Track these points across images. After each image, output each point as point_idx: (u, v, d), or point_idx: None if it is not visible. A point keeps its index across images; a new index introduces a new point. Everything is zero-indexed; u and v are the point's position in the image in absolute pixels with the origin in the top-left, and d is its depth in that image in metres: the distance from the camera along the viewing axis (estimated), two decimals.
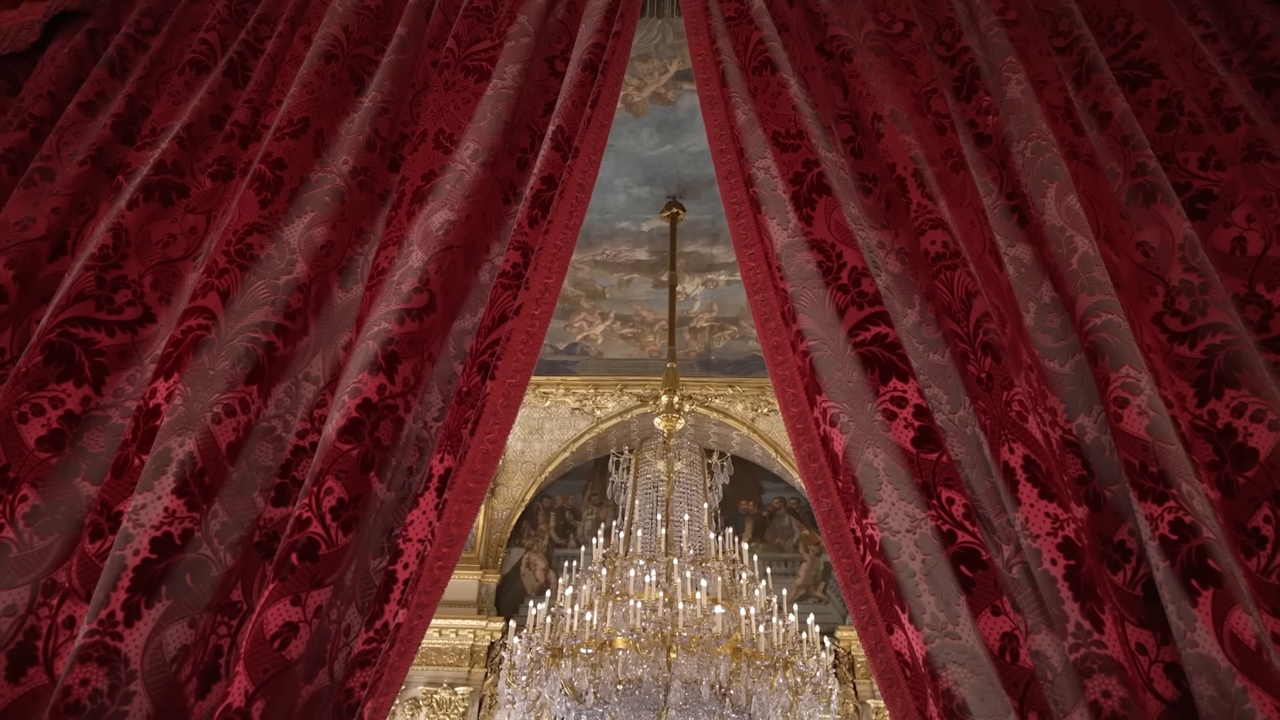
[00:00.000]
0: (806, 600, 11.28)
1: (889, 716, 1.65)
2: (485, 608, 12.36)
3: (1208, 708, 1.43)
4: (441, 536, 1.67)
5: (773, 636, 5.80)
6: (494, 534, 12.78)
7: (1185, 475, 1.59)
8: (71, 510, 1.70)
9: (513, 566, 12.87)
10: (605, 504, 12.19)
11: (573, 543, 12.07)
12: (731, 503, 11.84)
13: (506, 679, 6.22)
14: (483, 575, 12.54)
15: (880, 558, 1.64)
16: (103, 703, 1.45)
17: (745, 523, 12.29)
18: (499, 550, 12.79)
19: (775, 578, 6.88)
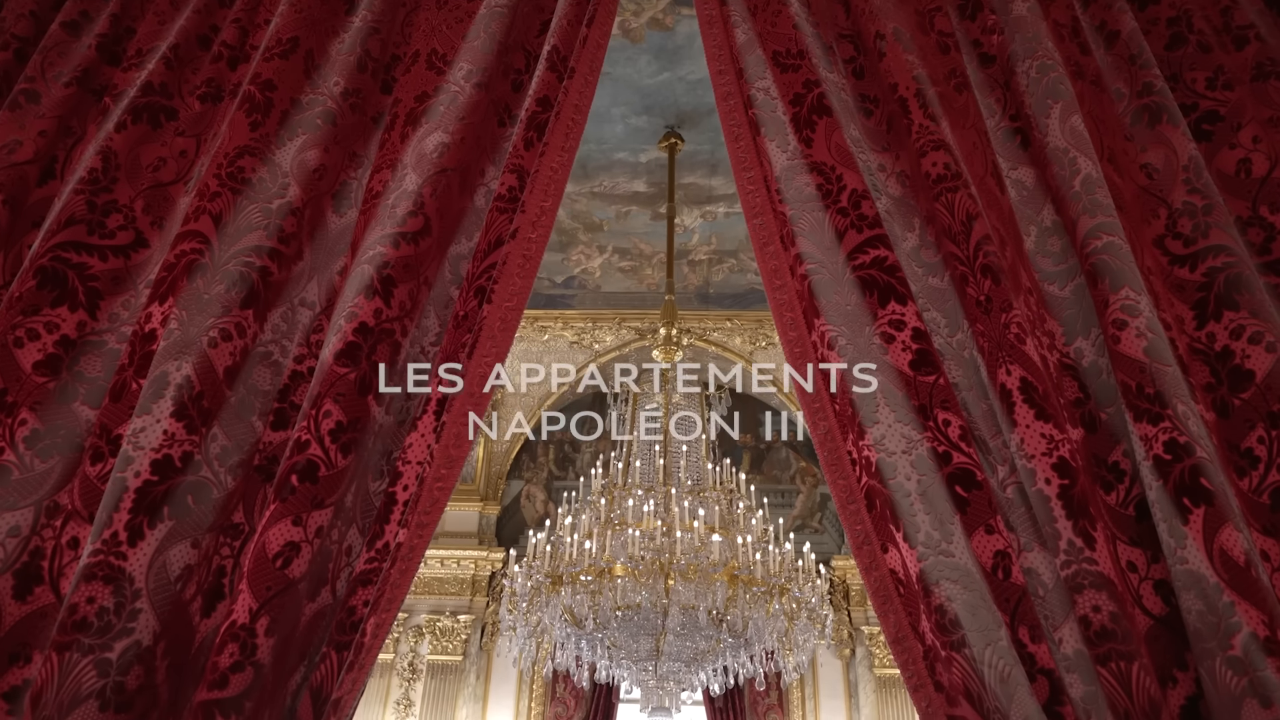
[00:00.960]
0: (803, 530, 11.44)
1: (883, 633, 1.68)
2: (486, 539, 12.55)
3: (1195, 622, 1.45)
4: (440, 458, 1.68)
5: (769, 564, 5.89)
6: (493, 467, 12.90)
7: (1181, 396, 1.60)
8: (71, 434, 1.71)
9: (513, 498, 13.02)
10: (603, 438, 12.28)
11: (572, 475, 12.18)
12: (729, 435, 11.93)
13: (508, 606, 6.34)
14: (483, 507, 12.69)
15: (876, 478, 1.66)
16: (109, 620, 1.48)
17: (743, 455, 12.40)
18: (499, 482, 12.92)
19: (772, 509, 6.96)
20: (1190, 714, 1.47)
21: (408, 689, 11.87)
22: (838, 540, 12.44)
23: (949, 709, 1.51)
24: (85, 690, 1.42)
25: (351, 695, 1.52)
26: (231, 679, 1.43)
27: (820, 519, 12.68)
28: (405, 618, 12.13)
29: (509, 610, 6.30)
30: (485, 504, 12.77)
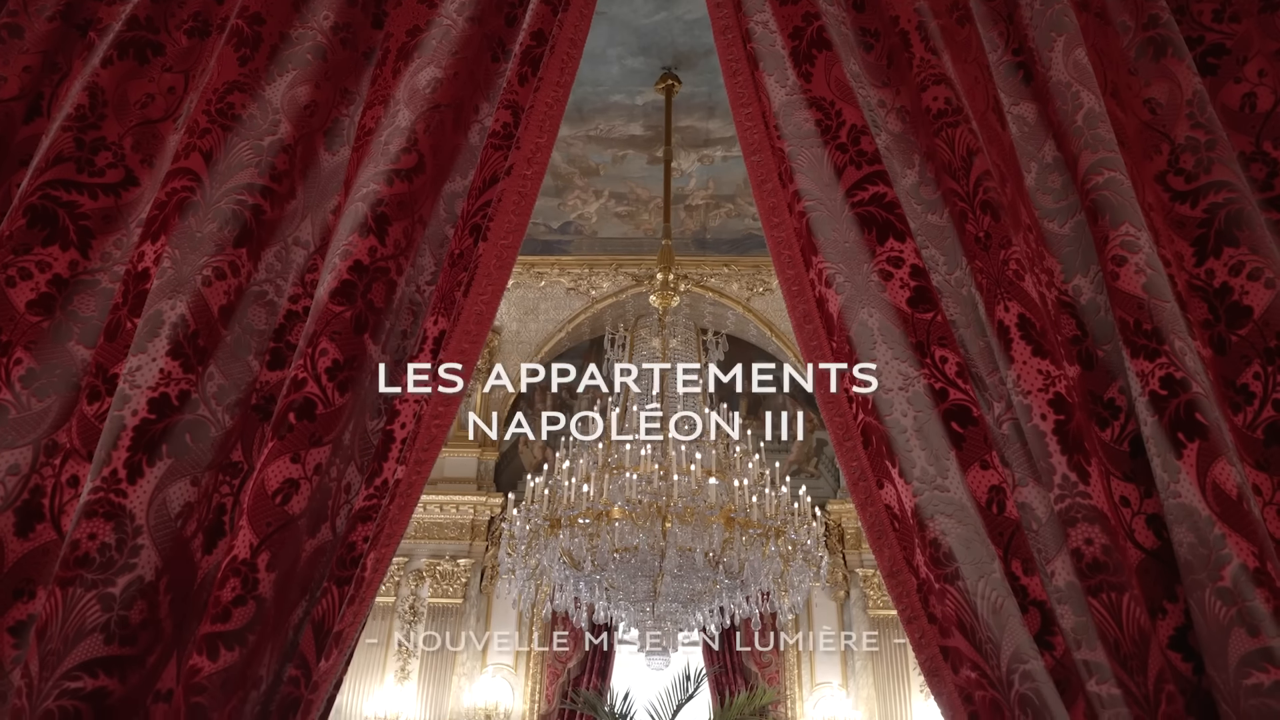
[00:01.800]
0: (799, 475, 11.54)
1: (878, 567, 1.70)
2: (485, 484, 12.65)
3: (1186, 554, 1.47)
4: (437, 395, 1.68)
5: (765, 507, 5.95)
6: (491, 413, 12.94)
7: (1179, 332, 1.60)
8: (67, 373, 1.70)
9: (510, 444, 13.10)
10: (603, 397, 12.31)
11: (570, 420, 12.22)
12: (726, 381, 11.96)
13: (507, 549, 6.41)
14: (481, 453, 12.77)
15: (872, 415, 1.66)
16: (111, 556, 1.49)
17: (740, 401, 12.45)
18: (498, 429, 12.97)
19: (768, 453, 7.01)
20: (1178, 644, 1.50)
21: (409, 631, 12.06)
22: (833, 485, 12.55)
23: (942, 640, 1.54)
24: (90, 624, 1.44)
25: (353, 628, 1.54)
26: (234, 612, 1.45)
27: (816, 464, 12.78)
28: (405, 562, 12.29)
29: (508, 553, 6.37)
30: (484, 450, 12.84)
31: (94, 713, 1.40)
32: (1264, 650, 1.35)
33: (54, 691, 1.39)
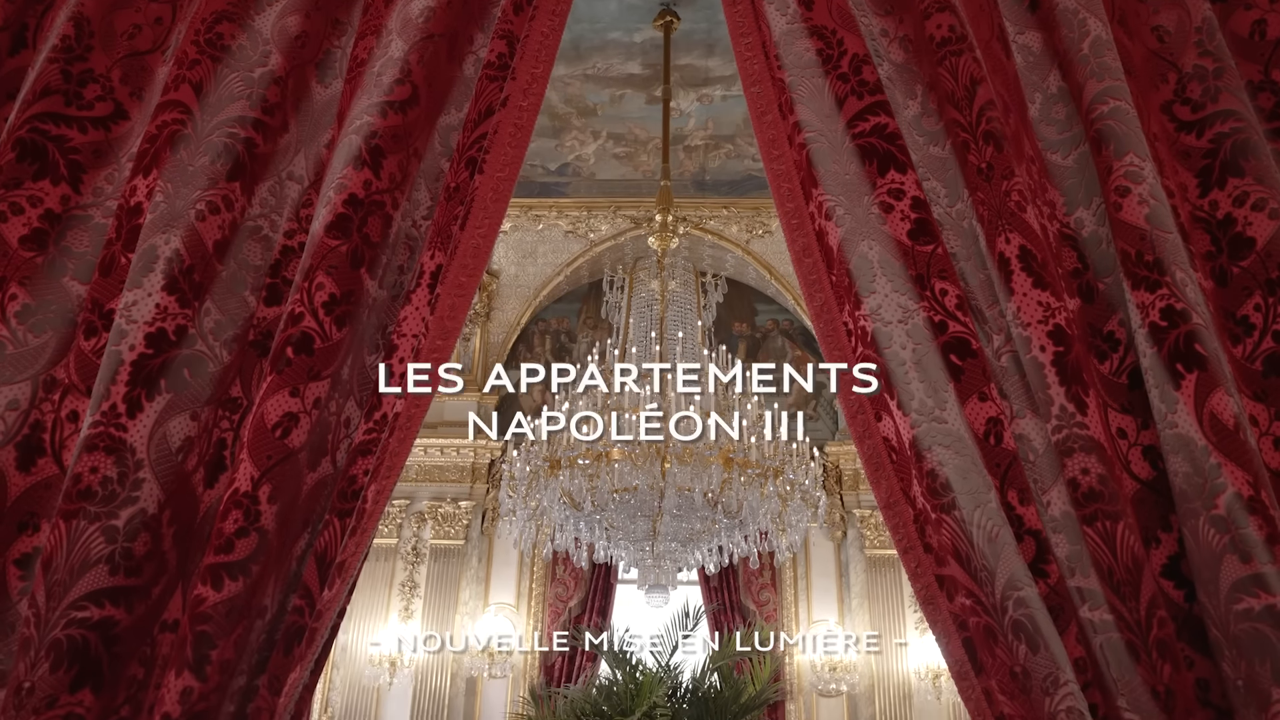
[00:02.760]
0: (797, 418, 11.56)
1: (875, 499, 1.72)
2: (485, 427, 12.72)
3: (1181, 484, 1.48)
4: (435, 330, 1.68)
5: (763, 448, 5.99)
6: (490, 356, 12.97)
7: (1180, 263, 1.59)
8: (63, 309, 1.69)
9: None
10: (600, 326, 12.30)
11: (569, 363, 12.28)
12: (725, 324, 11.96)
13: (507, 490, 6.47)
14: (481, 397, 12.82)
15: (872, 348, 1.66)
16: (113, 489, 1.50)
17: (739, 344, 12.45)
18: None
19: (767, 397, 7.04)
20: (1171, 572, 1.52)
21: (412, 572, 12.24)
22: (832, 427, 12.63)
23: (937, 569, 1.56)
24: (94, 556, 1.45)
25: (354, 558, 1.56)
26: (237, 544, 1.46)
27: (815, 406, 12.83)
28: (407, 504, 12.42)
29: (509, 494, 6.43)
30: (483, 394, 12.88)
31: (101, 641, 1.42)
32: (1255, 576, 1.37)
33: (61, 621, 1.41)
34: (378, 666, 11.27)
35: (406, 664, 11.41)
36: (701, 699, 6.27)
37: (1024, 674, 1.41)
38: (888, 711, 11.40)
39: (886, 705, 11.44)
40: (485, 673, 11.32)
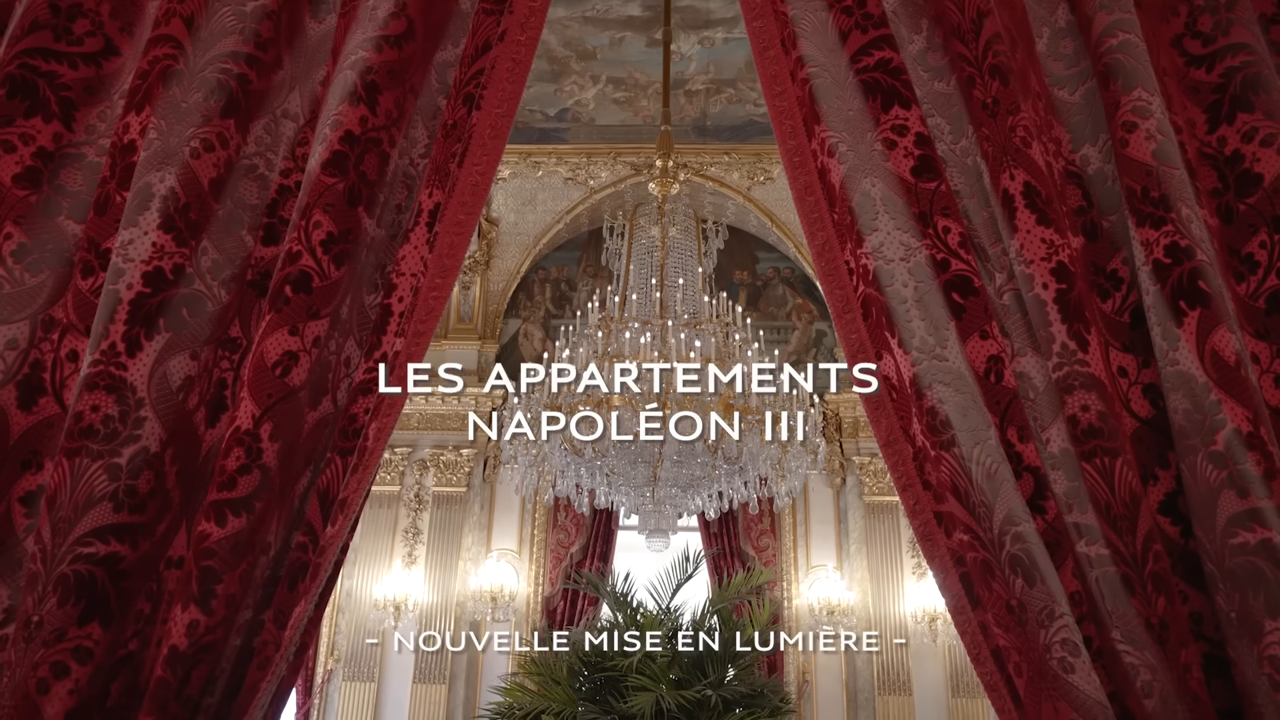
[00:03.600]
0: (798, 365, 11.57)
1: (874, 437, 1.72)
2: (485, 376, 12.74)
3: (1181, 420, 1.48)
4: (434, 268, 1.67)
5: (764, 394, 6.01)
6: (490, 305, 12.95)
7: (1186, 200, 1.57)
8: (59, 248, 1.68)
9: (510, 337, 13.14)
10: (600, 275, 12.26)
11: (569, 313, 12.22)
12: (726, 272, 11.92)
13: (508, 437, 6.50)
14: (481, 345, 12.83)
15: (873, 286, 1.65)
16: (115, 427, 1.50)
17: (739, 292, 12.42)
18: (496, 321, 13.00)
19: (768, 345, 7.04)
20: (1168, 509, 1.53)
21: (415, 518, 12.37)
22: None
23: (935, 505, 1.57)
24: (98, 493, 1.46)
25: (357, 495, 1.57)
26: (239, 480, 1.47)
27: (815, 354, 12.84)
28: (409, 451, 12.50)
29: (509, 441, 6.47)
30: (484, 342, 12.90)
31: (108, 576, 1.43)
32: (1252, 511, 1.38)
33: (68, 556, 1.42)
34: (382, 610, 11.45)
35: (411, 608, 11.59)
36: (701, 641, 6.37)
37: (1020, 607, 1.43)
38: (885, 653, 11.61)
39: (884, 647, 11.64)
40: (488, 616, 11.50)
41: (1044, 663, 1.40)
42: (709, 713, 5.97)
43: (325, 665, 11.77)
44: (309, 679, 11.67)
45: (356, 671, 11.65)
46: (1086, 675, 1.37)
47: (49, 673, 1.37)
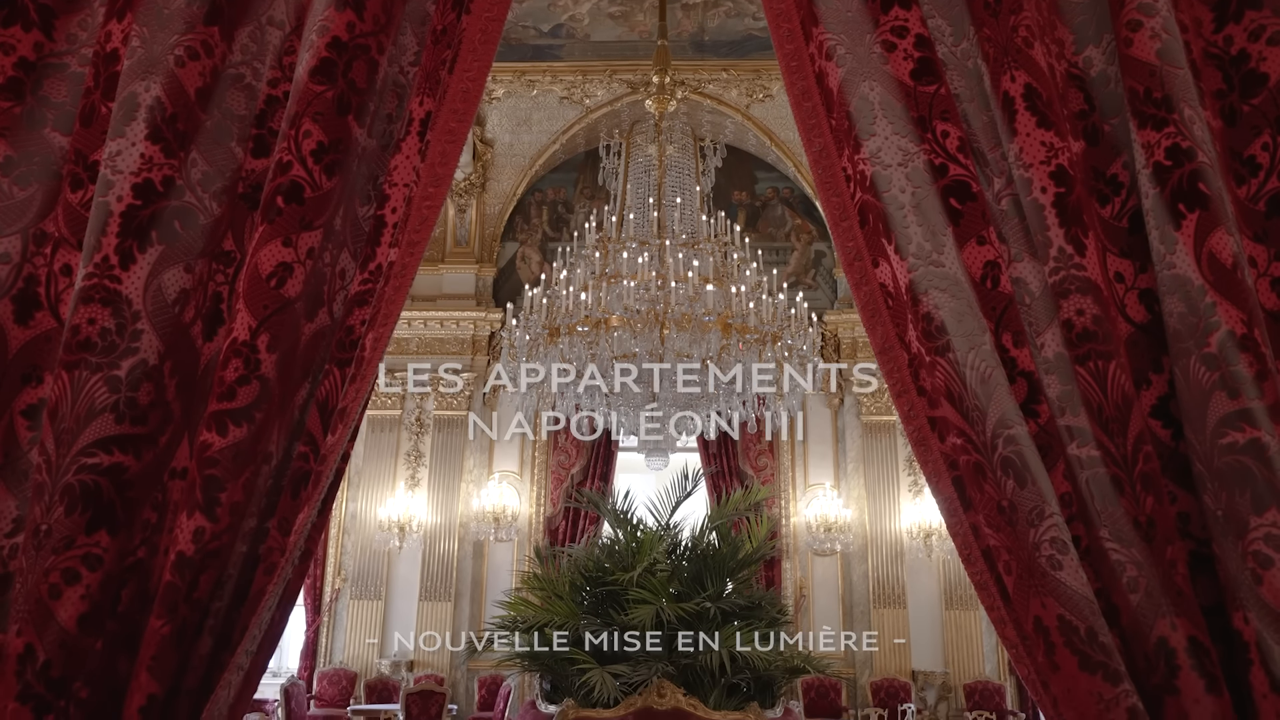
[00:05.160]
0: (796, 286, 11.55)
1: (870, 345, 1.73)
2: (483, 300, 12.73)
3: (1176, 324, 1.49)
4: (427, 177, 1.65)
5: (762, 314, 6.01)
6: (487, 229, 12.85)
7: (1189, 100, 1.55)
8: (46, 161, 1.66)
9: (508, 260, 13.07)
10: (597, 197, 12.14)
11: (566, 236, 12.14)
12: (724, 193, 11.80)
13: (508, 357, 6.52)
14: (479, 269, 12.78)
15: (870, 192, 1.64)
16: (112, 340, 1.50)
17: (738, 212, 12.32)
18: (493, 244, 12.92)
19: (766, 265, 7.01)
20: (1159, 413, 1.54)
21: (416, 442, 12.50)
22: (831, 296, 12.64)
23: (930, 410, 1.58)
24: (99, 404, 1.47)
25: (356, 403, 1.58)
26: (239, 391, 1.48)
27: (814, 275, 12.81)
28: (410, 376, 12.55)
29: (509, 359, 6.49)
30: (481, 266, 12.84)
31: (113, 486, 1.46)
32: (1242, 411, 1.39)
33: (72, 467, 1.44)
34: (387, 531, 11.67)
35: (415, 529, 11.80)
36: (700, 556, 6.50)
37: (1011, 508, 1.45)
38: (880, 569, 11.87)
39: (879, 563, 11.90)
40: (491, 536, 11.72)
41: (1033, 561, 1.43)
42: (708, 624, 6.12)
43: (333, 585, 12.04)
44: (317, 597, 11.96)
45: (364, 590, 11.93)
46: (1074, 572, 1.40)
47: (60, 579, 1.40)
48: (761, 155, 12.73)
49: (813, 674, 7.96)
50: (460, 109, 1.68)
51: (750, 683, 6.18)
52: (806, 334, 6.36)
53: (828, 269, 12.79)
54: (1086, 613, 1.38)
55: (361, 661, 11.60)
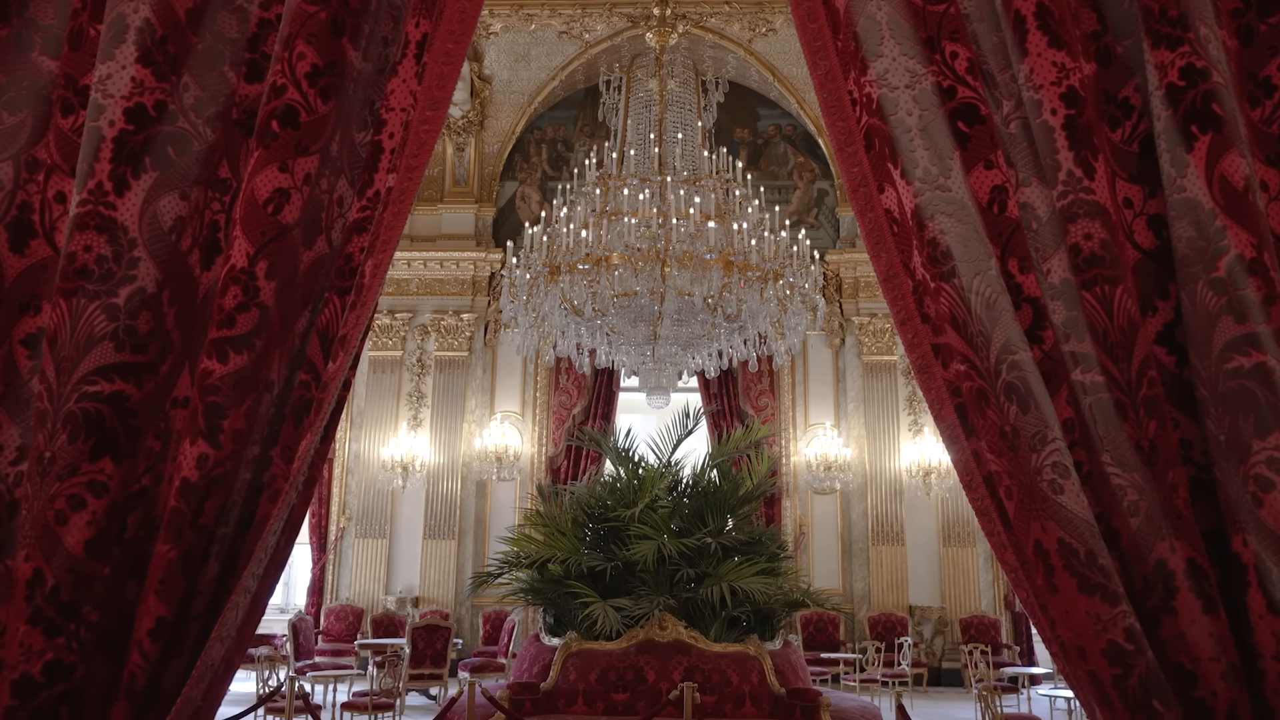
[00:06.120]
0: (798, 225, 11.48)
1: (874, 272, 1.71)
2: (483, 240, 12.66)
3: (1184, 248, 1.47)
4: (424, 100, 1.62)
5: (764, 251, 5.97)
6: (486, 168, 12.72)
7: (1205, 19, 1.51)
8: (35, 85, 1.63)
9: (507, 200, 12.96)
10: (597, 135, 11.97)
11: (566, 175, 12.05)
12: (726, 130, 11.64)
13: (508, 296, 6.50)
14: (478, 209, 12.68)
15: (876, 116, 1.60)
16: (109, 267, 1.49)
17: (740, 150, 12.17)
18: (492, 184, 12.80)
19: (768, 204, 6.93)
20: (1165, 339, 1.53)
21: (418, 383, 12.54)
22: (833, 235, 12.56)
23: (933, 338, 1.57)
24: (98, 332, 1.46)
25: (356, 331, 1.58)
26: (238, 319, 1.47)
27: (816, 214, 12.71)
28: (410, 317, 12.55)
29: (509, 300, 6.47)
30: (480, 206, 12.74)
31: (115, 414, 1.45)
32: (1249, 335, 1.38)
33: (74, 395, 1.44)
34: (390, 471, 11.78)
35: (418, 469, 11.90)
36: (701, 493, 6.57)
37: (1013, 433, 1.45)
38: (879, 506, 12.01)
39: (878, 501, 12.03)
40: (494, 476, 11.83)
41: (1034, 485, 1.43)
42: (709, 559, 6.21)
43: (338, 523, 12.20)
44: (322, 536, 12.13)
45: (368, 529, 12.09)
46: (1075, 496, 1.41)
47: (66, 505, 1.41)
48: (764, 91, 12.54)
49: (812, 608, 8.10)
50: (457, 30, 1.64)
51: (750, 616, 6.30)
52: (808, 272, 6.33)
53: (830, 208, 12.69)
54: (1086, 536, 1.39)
55: (368, 598, 11.81)
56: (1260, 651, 1.35)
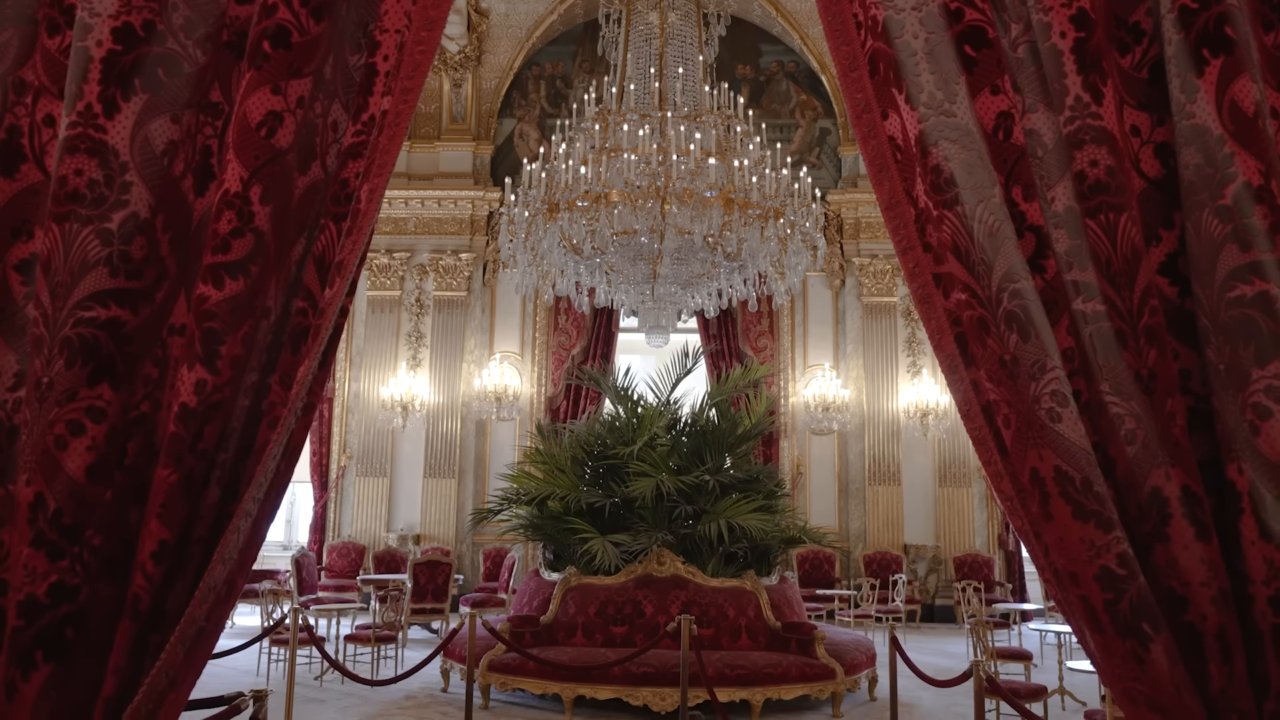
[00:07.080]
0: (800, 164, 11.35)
1: (876, 201, 1.69)
2: (481, 178, 12.53)
3: (1191, 176, 1.45)
4: (419, 20, 1.58)
5: (765, 188, 5.91)
6: (484, 105, 12.53)
7: None
8: (19, 4, 1.59)
9: (505, 137, 12.80)
10: (596, 71, 11.77)
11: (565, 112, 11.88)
12: (728, 67, 11.44)
13: (507, 234, 6.45)
14: (476, 147, 12.52)
15: (882, 39, 1.57)
16: (101, 192, 1.47)
17: (742, 87, 11.97)
18: (490, 121, 12.62)
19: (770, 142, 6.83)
20: (1168, 270, 1.52)
21: (417, 323, 12.52)
22: (834, 175, 12.43)
23: (935, 267, 1.56)
24: (92, 258, 1.45)
25: (352, 256, 1.56)
26: (233, 244, 1.46)
27: (818, 153, 12.56)
28: (409, 256, 12.48)
29: (509, 239, 6.43)
30: (478, 144, 12.58)
31: (112, 340, 1.45)
32: (1253, 264, 1.37)
33: (69, 320, 1.43)
34: (390, 411, 11.82)
35: (418, 409, 11.95)
36: (700, 431, 6.60)
37: (1013, 361, 1.45)
38: (876, 447, 12.09)
39: (875, 441, 12.11)
40: (493, 415, 11.89)
41: (1032, 413, 1.43)
42: (707, 496, 6.27)
43: (339, 462, 12.29)
44: (324, 474, 12.23)
45: (369, 468, 12.19)
46: (1073, 424, 1.41)
47: (65, 430, 1.41)
48: (767, 27, 12.30)
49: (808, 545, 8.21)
50: None
51: (747, 552, 6.39)
52: (809, 210, 6.27)
53: (832, 147, 12.53)
54: (1083, 463, 1.39)
55: (370, 535, 11.96)
56: (1250, 576, 1.36)
